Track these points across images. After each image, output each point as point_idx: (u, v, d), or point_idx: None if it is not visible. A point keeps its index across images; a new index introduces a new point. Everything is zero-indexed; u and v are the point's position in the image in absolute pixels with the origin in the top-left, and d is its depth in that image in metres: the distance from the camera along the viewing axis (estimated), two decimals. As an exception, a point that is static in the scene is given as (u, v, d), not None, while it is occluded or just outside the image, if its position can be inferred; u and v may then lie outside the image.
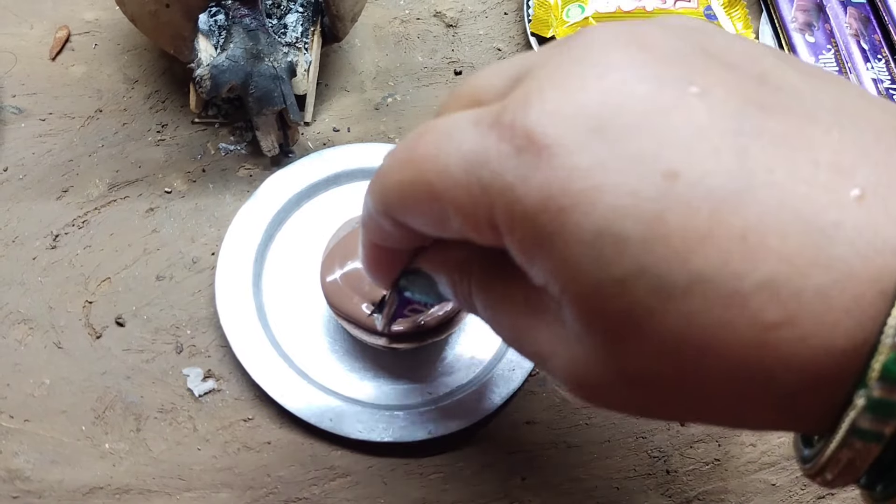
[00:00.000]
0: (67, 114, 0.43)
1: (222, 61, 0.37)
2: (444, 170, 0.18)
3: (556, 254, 0.16)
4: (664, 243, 0.15)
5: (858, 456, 0.16)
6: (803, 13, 0.50)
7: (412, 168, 0.19)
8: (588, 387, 0.19)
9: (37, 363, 0.36)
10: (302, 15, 0.41)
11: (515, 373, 0.37)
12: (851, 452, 0.16)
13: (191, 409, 0.36)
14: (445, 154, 0.18)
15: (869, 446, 0.16)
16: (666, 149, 0.16)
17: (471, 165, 0.17)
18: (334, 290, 0.34)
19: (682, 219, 0.15)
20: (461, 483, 0.36)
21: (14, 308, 0.37)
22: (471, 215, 0.18)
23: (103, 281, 0.38)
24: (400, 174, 0.19)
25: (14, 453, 0.34)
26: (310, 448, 0.36)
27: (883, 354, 0.15)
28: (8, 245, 0.39)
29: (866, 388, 0.15)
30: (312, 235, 0.40)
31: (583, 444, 0.37)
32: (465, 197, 0.18)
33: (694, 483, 0.37)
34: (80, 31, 0.46)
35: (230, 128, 0.43)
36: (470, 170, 0.17)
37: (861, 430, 0.15)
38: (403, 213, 0.20)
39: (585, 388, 0.19)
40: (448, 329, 0.35)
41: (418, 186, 0.19)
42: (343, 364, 0.37)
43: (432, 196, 0.18)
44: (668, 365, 0.16)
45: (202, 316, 0.38)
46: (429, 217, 0.19)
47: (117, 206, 0.40)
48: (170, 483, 0.34)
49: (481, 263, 0.21)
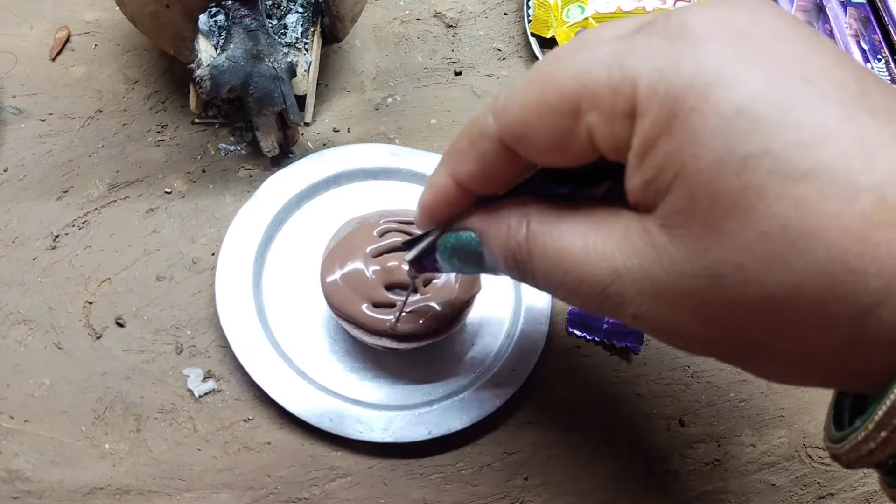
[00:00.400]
0: (67, 114, 0.43)
1: (222, 62, 0.37)
2: (582, 69, 0.19)
3: (687, 130, 0.18)
4: (794, 129, 0.17)
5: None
6: (803, 14, 0.50)
7: (544, 79, 0.20)
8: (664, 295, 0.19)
9: (37, 364, 0.36)
10: (302, 15, 0.41)
11: (515, 373, 0.37)
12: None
13: (191, 409, 0.36)
14: (582, 58, 0.20)
15: None
16: (803, 62, 0.18)
17: (613, 58, 0.19)
18: (334, 291, 0.34)
19: (814, 113, 0.17)
20: (461, 483, 0.36)
21: (14, 308, 0.37)
22: (608, 107, 0.19)
23: (103, 281, 0.38)
24: (528, 89, 0.21)
25: (14, 454, 0.34)
26: (310, 448, 0.36)
27: None
28: (8, 245, 0.39)
29: None
30: (312, 236, 0.40)
31: (583, 445, 0.37)
32: (605, 87, 0.19)
33: (694, 483, 0.37)
34: (80, 32, 0.46)
35: (230, 128, 0.43)
36: (612, 62, 0.19)
37: None
38: (526, 131, 0.21)
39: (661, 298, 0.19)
40: (448, 330, 0.35)
41: (550, 93, 0.20)
42: (343, 364, 0.37)
43: (565, 98, 0.20)
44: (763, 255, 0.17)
45: (202, 316, 0.38)
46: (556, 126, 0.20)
47: (117, 207, 0.40)
48: (170, 483, 0.34)
49: (538, 208, 0.23)
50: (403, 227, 0.36)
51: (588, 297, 0.21)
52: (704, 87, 0.17)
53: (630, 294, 0.20)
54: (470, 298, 0.35)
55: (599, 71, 0.19)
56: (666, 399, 0.39)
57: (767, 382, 0.40)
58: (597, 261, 0.21)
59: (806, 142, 0.17)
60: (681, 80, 0.18)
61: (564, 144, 0.21)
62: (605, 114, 0.19)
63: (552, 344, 0.39)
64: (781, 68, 0.17)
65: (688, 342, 0.20)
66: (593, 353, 0.39)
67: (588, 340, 0.40)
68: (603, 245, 0.21)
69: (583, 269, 0.21)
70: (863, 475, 0.38)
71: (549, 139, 0.21)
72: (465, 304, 0.35)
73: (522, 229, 0.23)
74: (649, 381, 0.39)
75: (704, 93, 0.17)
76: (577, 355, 0.39)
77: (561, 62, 0.20)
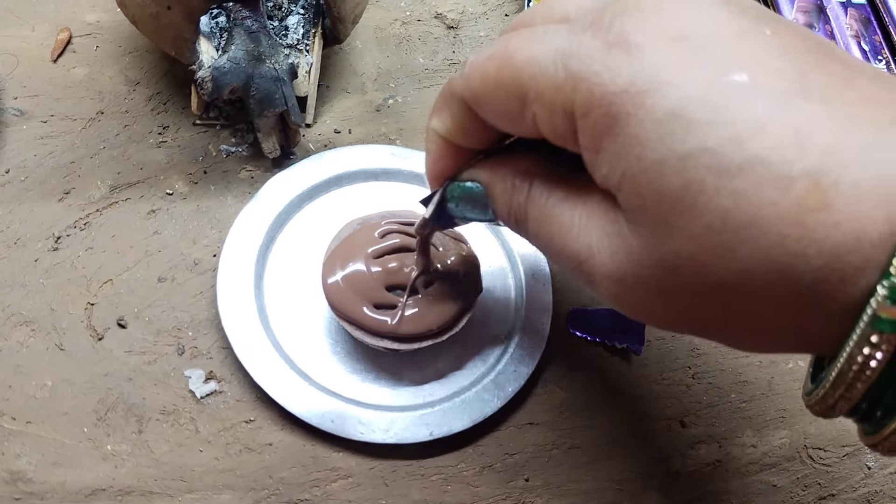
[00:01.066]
0: (69, 116, 0.43)
1: (224, 63, 0.37)
2: (533, 59, 0.21)
3: (627, 133, 0.19)
4: (727, 127, 0.18)
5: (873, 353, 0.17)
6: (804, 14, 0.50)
7: (502, 59, 0.21)
8: (624, 281, 0.21)
9: (39, 365, 0.36)
10: (303, 17, 0.41)
11: (517, 374, 0.37)
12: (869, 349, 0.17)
13: (192, 410, 0.36)
14: (538, 46, 0.21)
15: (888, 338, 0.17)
16: (737, 60, 0.18)
17: (560, 56, 0.20)
18: (336, 292, 0.34)
19: (746, 110, 0.18)
20: (462, 484, 0.36)
21: (16, 310, 0.37)
22: (549, 101, 0.20)
23: (105, 283, 0.38)
24: (488, 65, 0.22)
25: (16, 455, 0.34)
26: (311, 449, 0.36)
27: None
28: (10, 247, 0.39)
29: (889, 276, 0.16)
30: (314, 237, 0.40)
31: (584, 446, 0.37)
32: (549, 83, 0.20)
33: (695, 484, 0.37)
34: (82, 33, 0.46)
35: (231, 129, 0.43)
36: (558, 59, 0.20)
37: (881, 318, 0.17)
38: (484, 101, 0.23)
39: (622, 283, 0.21)
40: (449, 331, 0.35)
41: (505, 74, 0.21)
42: (344, 365, 0.37)
43: (517, 82, 0.21)
44: (709, 245, 0.18)
45: (204, 317, 0.38)
46: (506, 106, 0.22)
47: (119, 208, 0.40)
48: (171, 485, 0.34)
49: (543, 173, 0.24)
50: (405, 229, 0.36)
51: (566, 265, 0.23)
52: (638, 94, 0.18)
53: (599, 274, 0.21)
54: (471, 299, 0.35)
55: (546, 65, 0.20)
56: (667, 400, 0.39)
57: (769, 383, 0.40)
58: (576, 235, 0.22)
59: (740, 137, 0.17)
60: (617, 87, 0.19)
61: (516, 122, 0.22)
62: (546, 108, 0.21)
63: (553, 345, 0.39)
64: (716, 68, 0.18)
65: (655, 321, 0.22)
66: (594, 354, 0.39)
67: (589, 341, 0.40)
68: (585, 221, 0.22)
69: (565, 239, 0.23)
70: (864, 475, 0.38)
71: (504, 114, 0.22)
72: (467, 306, 0.35)
73: (524, 191, 0.24)
74: (650, 382, 0.39)
75: (639, 99, 0.18)
76: (579, 356, 0.39)
77: (520, 43, 0.21)
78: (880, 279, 0.17)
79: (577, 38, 0.20)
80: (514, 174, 0.25)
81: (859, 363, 0.17)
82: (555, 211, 0.23)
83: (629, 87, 0.19)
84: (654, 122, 0.18)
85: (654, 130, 0.18)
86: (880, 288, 0.16)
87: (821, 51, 0.19)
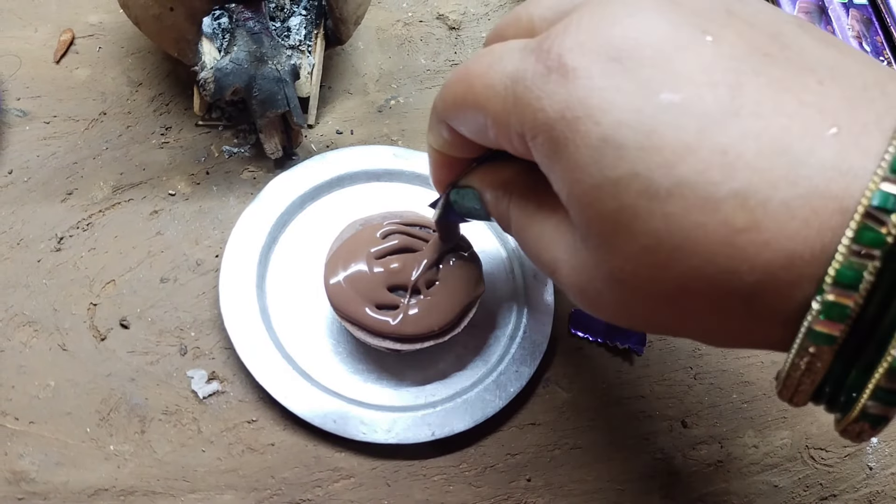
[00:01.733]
0: (71, 116, 0.43)
1: (226, 64, 0.37)
2: (489, 84, 0.22)
3: (566, 158, 0.19)
4: (656, 152, 0.18)
5: (814, 362, 0.18)
6: (805, 15, 0.50)
7: (465, 82, 0.23)
8: (586, 291, 0.22)
9: (41, 365, 0.36)
10: (305, 18, 0.41)
11: (518, 374, 0.37)
12: (809, 358, 0.18)
13: (195, 410, 0.36)
14: (493, 71, 0.22)
15: (822, 350, 0.17)
16: (670, 79, 0.18)
17: (510, 81, 0.21)
18: (338, 293, 0.34)
19: (674, 134, 0.18)
20: (464, 484, 0.36)
21: (19, 310, 0.37)
22: (503, 123, 0.21)
23: (108, 283, 0.38)
24: (455, 86, 0.23)
25: (19, 455, 0.34)
26: (313, 450, 0.36)
27: (838, 262, 0.16)
28: (13, 247, 0.39)
29: (822, 292, 0.17)
30: (316, 238, 0.40)
31: (586, 446, 0.37)
32: (501, 107, 0.21)
33: (697, 485, 0.37)
34: (84, 35, 0.46)
35: (234, 130, 0.43)
36: (509, 85, 0.21)
37: (815, 332, 0.17)
38: (455, 120, 0.24)
39: (584, 293, 0.22)
40: (451, 331, 0.35)
41: (468, 97, 0.23)
42: (347, 366, 0.37)
43: (477, 105, 0.22)
44: (648, 264, 0.19)
45: (206, 318, 0.38)
46: (473, 124, 0.23)
47: (121, 209, 0.40)
48: (174, 485, 0.34)
49: (522, 184, 0.25)
50: (407, 229, 0.36)
51: (544, 272, 0.24)
52: (574, 119, 0.19)
53: (566, 285, 0.23)
54: (473, 300, 0.35)
55: (499, 90, 0.21)
56: (669, 400, 0.39)
57: (770, 384, 0.40)
58: (546, 246, 0.23)
59: (668, 161, 0.18)
60: (555, 113, 0.19)
61: (486, 140, 0.23)
62: (502, 131, 0.22)
63: (555, 345, 0.39)
64: (648, 90, 0.18)
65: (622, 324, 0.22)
66: (596, 355, 0.40)
67: (591, 342, 0.40)
68: (552, 235, 0.23)
69: (539, 249, 0.24)
70: (865, 476, 0.38)
71: (473, 133, 0.24)
72: (469, 306, 0.35)
73: (506, 200, 0.26)
74: (652, 383, 0.39)
75: (574, 126, 0.19)
76: (580, 357, 0.39)
77: (479, 68, 0.22)
78: (815, 294, 0.17)
79: (525, 63, 0.20)
80: (498, 183, 0.26)
81: (803, 369, 0.18)
82: (530, 222, 0.24)
83: (565, 112, 0.19)
84: (588, 148, 0.19)
85: (590, 156, 0.19)
86: (814, 304, 0.17)
87: (769, 50, 0.19)
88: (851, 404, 0.18)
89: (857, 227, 0.16)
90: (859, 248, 0.16)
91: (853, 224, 0.16)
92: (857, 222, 0.16)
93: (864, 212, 0.16)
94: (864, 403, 0.18)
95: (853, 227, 0.16)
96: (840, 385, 0.18)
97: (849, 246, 0.16)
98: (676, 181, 0.18)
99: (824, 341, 0.17)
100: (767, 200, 0.17)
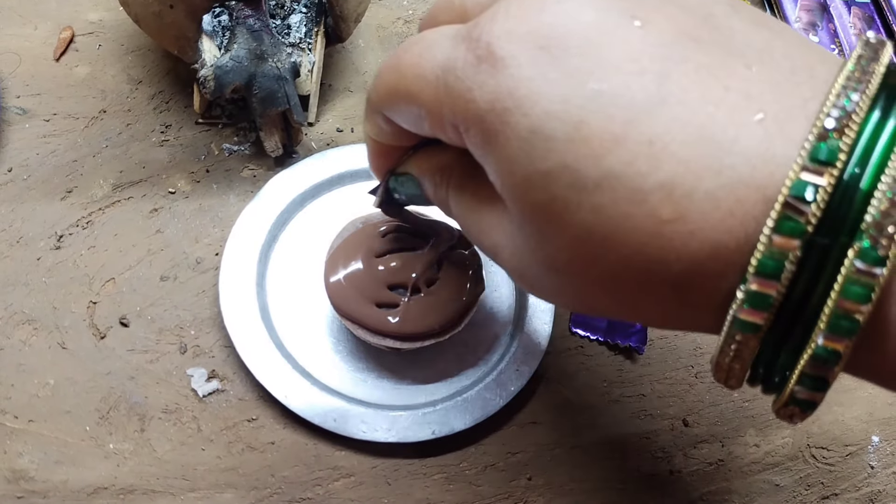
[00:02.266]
0: (71, 114, 0.43)
1: (226, 62, 0.37)
2: (421, 74, 0.21)
3: (498, 149, 0.19)
4: (584, 143, 0.18)
5: (741, 348, 0.18)
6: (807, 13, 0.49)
7: (397, 72, 0.22)
8: (525, 276, 0.22)
9: (41, 363, 0.36)
10: (305, 15, 0.41)
11: (519, 373, 0.37)
12: (736, 345, 0.18)
13: (195, 409, 0.36)
14: (424, 61, 0.21)
15: (747, 337, 0.17)
16: (598, 67, 0.18)
17: (441, 71, 0.20)
18: (338, 291, 0.34)
19: (601, 124, 0.17)
20: (465, 483, 0.36)
21: (18, 308, 0.37)
22: (437, 114, 0.21)
23: (107, 281, 0.38)
24: (388, 76, 0.23)
25: (18, 453, 0.34)
26: (314, 448, 0.36)
27: (759, 252, 0.16)
28: (12, 245, 0.39)
29: (745, 282, 0.17)
30: (316, 236, 0.40)
31: (586, 445, 0.37)
32: (433, 98, 0.21)
33: (697, 483, 0.37)
34: (84, 32, 0.46)
35: (234, 128, 0.43)
36: (440, 75, 0.20)
37: (740, 320, 0.17)
38: (389, 110, 0.23)
39: (524, 277, 0.22)
40: (452, 330, 0.35)
41: (400, 87, 0.22)
42: (347, 364, 0.37)
43: (409, 96, 0.22)
44: (580, 253, 0.19)
45: (206, 316, 0.38)
46: (407, 115, 0.23)
47: (121, 207, 0.40)
48: (174, 483, 0.34)
49: (459, 170, 0.25)
50: (407, 228, 0.36)
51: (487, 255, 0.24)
52: (504, 111, 0.19)
53: (507, 268, 0.23)
54: (474, 298, 0.35)
55: (430, 81, 0.21)
56: (670, 399, 0.39)
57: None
58: (485, 232, 0.23)
59: (596, 153, 0.17)
60: (486, 104, 0.19)
61: (422, 130, 0.23)
62: (435, 121, 0.21)
63: (556, 344, 0.39)
64: (575, 79, 0.18)
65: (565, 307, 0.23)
66: (597, 353, 0.39)
67: (591, 340, 0.40)
68: (490, 220, 0.23)
69: (478, 233, 0.23)
70: (867, 475, 0.38)
71: (408, 123, 0.23)
72: (469, 304, 0.35)
73: (444, 186, 0.25)
74: (653, 381, 0.39)
75: (504, 117, 0.19)
76: (581, 355, 0.39)
77: (410, 57, 0.22)
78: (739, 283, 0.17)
79: (455, 52, 0.20)
80: (435, 170, 0.26)
81: (731, 355, 0.18)
82: (469, 208, 0.24)
83: (495, 103, 0.19)
84: (518, 140, 0.19)
85: (520, 148, 0.19)
86: (738, 293, 0.17)
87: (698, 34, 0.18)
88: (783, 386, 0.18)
89: (777, 217, 0.16)
90: (779, 238, 0.16)
91: (773, 213, 0.16)
92: (778, 212, 0.16)
93: (784, 201, 0.16)
94: (791, 389, 0.18)
95: (773, 217, 0.16)
96: (772, 367, 0.18)
97: (769, 236, 0.16)
98: (604, 173, 0.17)
99: (749, 329, 0.17)
100: (693, 191, 0.17)
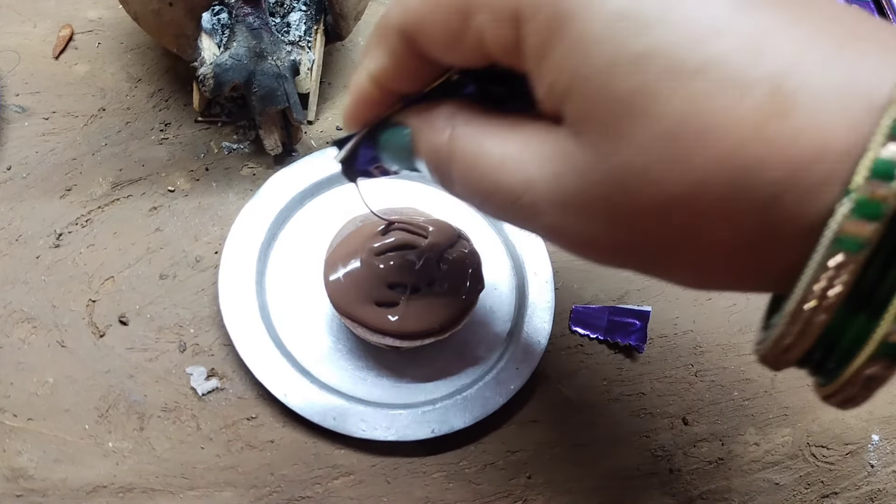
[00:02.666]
0: (71, 112, 0.43)
1: (225, 60, 0.37)
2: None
3: (576, 32, 0.18)
4: (682, 26, 0.16)
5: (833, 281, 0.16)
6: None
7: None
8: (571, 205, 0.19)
9: (40, 362, 0.36)
10: (305, 13, 0.41)
11: (519, 372, 0.37)
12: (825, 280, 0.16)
13: (194, 407, 0.36)
14: None
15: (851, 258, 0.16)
16: None
17: None
18: (337, 289, 0.34)
19: (699, 10, 0.16)
20: (464, 482, 0.36)
21: (17, 307, 0.37)
22: (495, 7, 0.19)
23: (107, 280, 0.38)
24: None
25: (18, 452, 0.34)
26: (313, 447, 0.36)
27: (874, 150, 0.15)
28: (11, 244, 0.39)
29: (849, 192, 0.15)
30: (315, 234, 0.40)
31: (586, 444, 0.37)
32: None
33: (697, 482, 0.37)
34: (84, 30, 0.46)
35: (233, 126, 0.43)
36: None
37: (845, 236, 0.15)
38: (423, 24, 0.21)
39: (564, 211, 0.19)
40: (451, 328, 0.35)
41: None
42: (346, 363, 0.37)
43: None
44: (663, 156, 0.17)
45: (205, 314, 0.38)
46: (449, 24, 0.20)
47: (121, 205, 0.40)
48: (173, 482, 0.34)
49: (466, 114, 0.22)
50: (406, 226, 0.36)
51: (501, 205, 0.21)
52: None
53: (542, 204, 0.20)
54: (473, 297, 0.35)
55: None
56: (670, 398, 0.39)
57: (771, 381, 0.40)
58: (512, 169, 0.21)
59: (695, 37, 0.16)
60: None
61: (459, 43, 0.21)
62: (491, 14, 0.19)
63: (555, 342, 0.39)
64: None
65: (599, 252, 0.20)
66: (597, 352, 0.39)
67: (591, 339, 0.40)
68: (520, 153, 0.20)
69: (498, 176, 0.21)
70: (867, 474, 0.38)
71: (445, 36, 0.21)
72: (469, 303, 0.35)
73: (447, 130, 0.23)
74: (653, 380, 0.39)
75: None
76: (581, 353, 0.39)
77: None
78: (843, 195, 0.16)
79: None
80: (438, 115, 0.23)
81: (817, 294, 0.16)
82: (483, 148, 0.22)
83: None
84: (603, 22, 0.17)
85: (605, 30, 0.17)
86: (846, 201, 0.15)
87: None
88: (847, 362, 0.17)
89: None
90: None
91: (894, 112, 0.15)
92: None
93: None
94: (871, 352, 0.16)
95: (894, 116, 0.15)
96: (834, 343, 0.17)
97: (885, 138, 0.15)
98: (705, 58, 0.16)
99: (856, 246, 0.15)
100: (801, 87, 0.16)
